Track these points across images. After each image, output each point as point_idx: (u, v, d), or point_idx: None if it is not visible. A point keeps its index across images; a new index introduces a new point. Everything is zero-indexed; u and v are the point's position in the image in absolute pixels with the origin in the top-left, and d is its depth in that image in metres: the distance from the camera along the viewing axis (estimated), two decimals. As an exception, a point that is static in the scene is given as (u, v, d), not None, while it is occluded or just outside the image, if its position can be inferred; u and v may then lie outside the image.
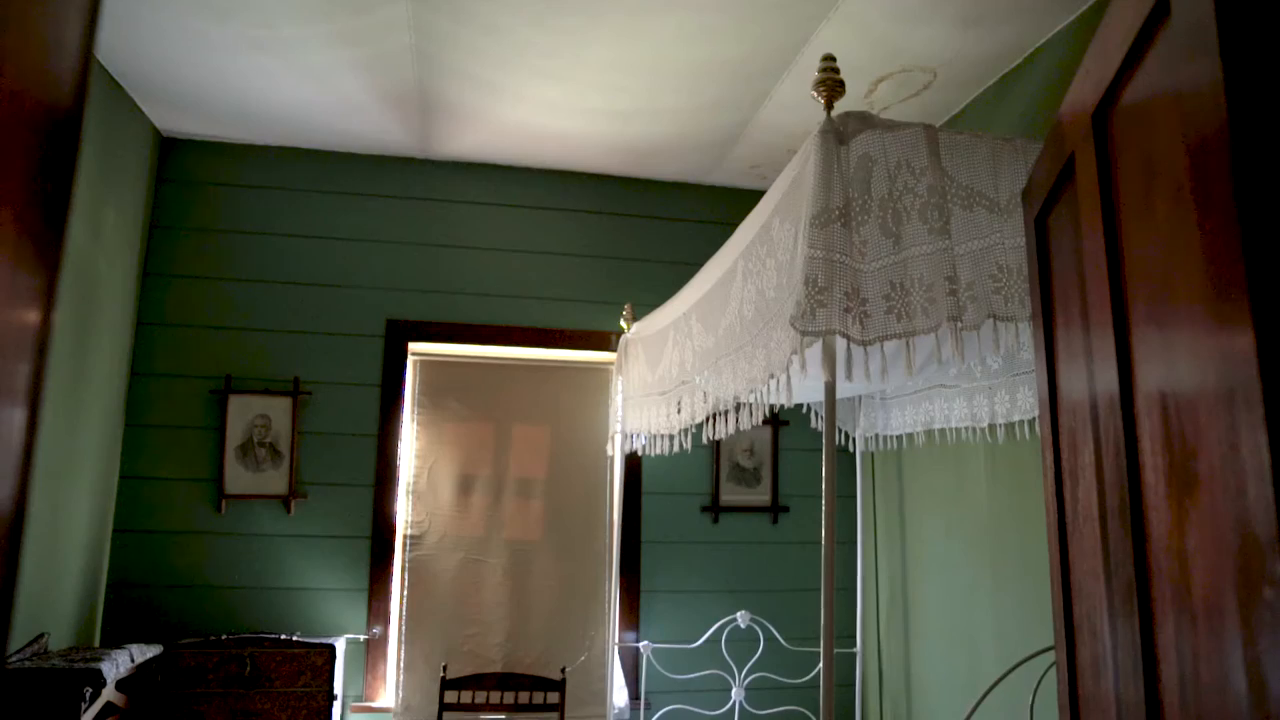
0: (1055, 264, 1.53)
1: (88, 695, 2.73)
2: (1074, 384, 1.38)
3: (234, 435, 3.94)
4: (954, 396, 3.39)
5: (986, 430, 3.24)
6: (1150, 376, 1.06)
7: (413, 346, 4.22)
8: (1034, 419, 3.00)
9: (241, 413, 3.96)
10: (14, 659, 2.85)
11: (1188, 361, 0.95)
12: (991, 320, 1.94)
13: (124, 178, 3.71)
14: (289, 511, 3.95)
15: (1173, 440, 0.97)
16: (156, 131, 4.03)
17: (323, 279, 4.15)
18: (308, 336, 4.10)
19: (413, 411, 4.20)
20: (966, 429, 3.35)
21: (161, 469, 3.89)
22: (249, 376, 3.99)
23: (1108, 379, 1.18)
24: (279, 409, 3.99)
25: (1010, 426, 3.14)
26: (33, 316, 0.70)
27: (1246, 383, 0.78)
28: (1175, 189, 0.98)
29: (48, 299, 0.71)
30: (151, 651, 3.33)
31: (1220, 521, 0.85)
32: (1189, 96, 0.91)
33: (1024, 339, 2.09)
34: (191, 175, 4.11)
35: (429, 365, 4.26)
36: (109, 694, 2.97)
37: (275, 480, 3.95)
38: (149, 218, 4.01)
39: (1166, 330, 1.01)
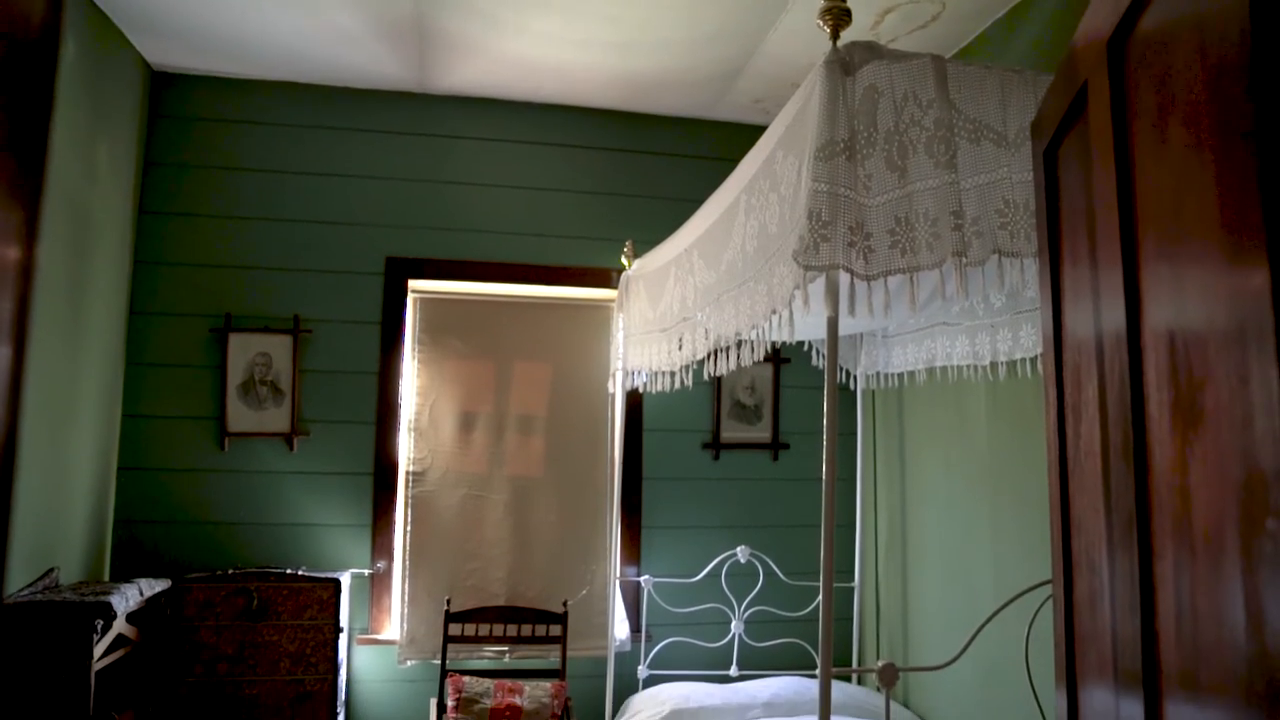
0: (1064, 199, 1.50)
1: (99, 627, 2.77)
2: (1080, 321, 1.37)
3: (235, 373, 3.94)
4: (956, 334, 3.38)
5: (988, 368, 3.24)
6: (1158, 313, 1.05)
7: (412, 284, 4.20)
8: (1036, 357, 3.00)
9: (242, 351, 3.96)
10: (25, 592, 2.90)
11: (1198, 298, 0.93)
12: (997, 256, 1.92)
13: (115, 114, 3.65)
14: (292, 449, 3.97)
15: (1179, 376, 0.97)
16: (147, 66, 3.95)
17: (321, 216, 4.11)
18: (307, 274, 4.07)
19: (413, 349, 4.19)
20: (968, 367, 3.35)
21: (163, 407, 3.90)
22: (249, 315, 3.98)
23: (1115, 315, 1.17)
24: (279, 347, 3.98)
25: (1012, 364, 3.14)
26: (13, 253, 0.68)
27: (1259, 319, 0.77)
28: (1192, 121, 0.95)
29: (29, 234, 0.69)
30: (160, 586, 3.38)
31: (1225, 454, 0.85)
32: (1210, 22, 0.89)
33: (1029, 276, 2.07)
34: (185, 111, 4.05)
35: (429, 303, 4.24)
36: (120, 626, 3.02)
37: (277, 418, 3.97)
38: (142, 155, 3.96)
39: (1177, 266, 1.00)
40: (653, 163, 4.44)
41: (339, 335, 4.08)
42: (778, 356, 4.43)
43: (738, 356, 2.58)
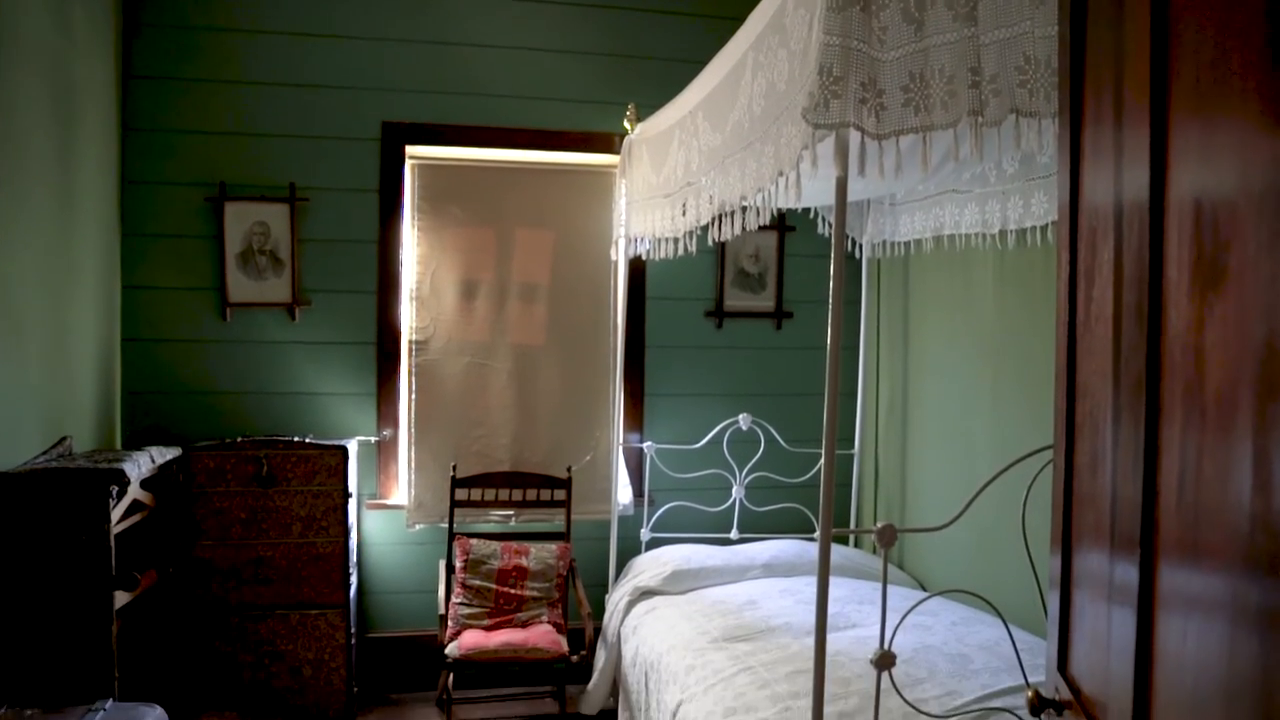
0: (1090, 53, 1.43)
1: (114, 493, 2.83)
2: (1099, 182, 1.33)
3: (233, 243, 3.89)
4: (966, 202, 3.32)
5: (997, 237, 3.19)
6: (1185, 172, 1.00)
7: (410, 150, 4.09)
8: (1046, 225, 2.94)
9: (239, 220, 3.89)
10: (40, 459, 2.95)
11: (1232, 156, 0.89)
12: (1014, 116, 1.85)
13: (90, -34, 3.46)
14: (293, 319, 3.97)
15: (1203, 235, 0.93)
16: (121, -87, 3.72)
17: (314, 80, 3.97)
18: (301, 140, 3.97)
19: (413, 217, 4.12)
20: (976, 235, 3.30)
21: (163, 278, 3.88)
22: (244, 183, 3.90)
23: (1138, 175, 1.13)
24: (277, 216, 3.92)
25: (1021, 233, 3.09)
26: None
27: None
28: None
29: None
30: (171, 453, 3.44)
31: (1246, 314, 0.82)
32: None
33: (1046, 139, 1.99)
34: (164, -36, 3.84)
35: (427, 169, 4.15)
36: (135, 492, 3.09)
37: (278, 288, 3.94)
38: (121, 15, 3.78)
39: (1211, 123, 0.95)
40: (655, 21, 4.25)
41: (337, 203, 4.00)
42: (783, 224, 4.37)
43: (742, 222, 2.53)
